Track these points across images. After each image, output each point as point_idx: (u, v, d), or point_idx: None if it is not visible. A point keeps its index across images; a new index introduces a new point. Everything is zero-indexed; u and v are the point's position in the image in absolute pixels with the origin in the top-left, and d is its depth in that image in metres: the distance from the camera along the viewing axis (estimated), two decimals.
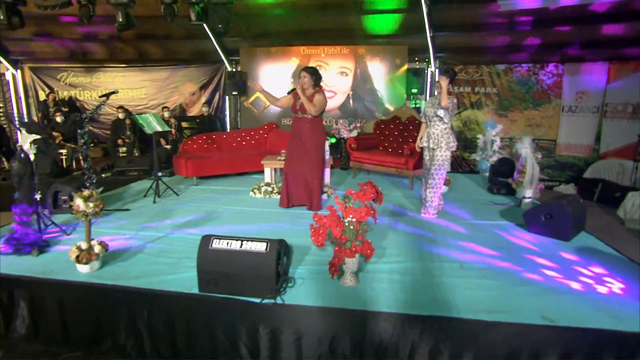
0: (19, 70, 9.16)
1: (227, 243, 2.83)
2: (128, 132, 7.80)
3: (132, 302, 2.92)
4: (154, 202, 5.14)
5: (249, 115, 9.31)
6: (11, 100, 9.21)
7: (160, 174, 6.66)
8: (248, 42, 8.77)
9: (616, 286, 3.00)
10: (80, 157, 7.97)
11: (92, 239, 3.23)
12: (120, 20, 5.56)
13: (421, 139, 4.62)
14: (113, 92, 4.58)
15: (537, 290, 2.93)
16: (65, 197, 4.68)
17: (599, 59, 7.35)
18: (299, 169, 4.64)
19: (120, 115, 7.99)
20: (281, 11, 7.65)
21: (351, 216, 2.86)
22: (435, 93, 4.50)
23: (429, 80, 8.61)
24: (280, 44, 8.74)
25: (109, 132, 8.65)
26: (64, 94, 9.29)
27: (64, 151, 7.53)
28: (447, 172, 6.40)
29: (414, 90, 8.32)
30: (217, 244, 2.84)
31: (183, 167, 5.96)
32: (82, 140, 4.35)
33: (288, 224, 4.29)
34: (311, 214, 3.14)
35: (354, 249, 2.88)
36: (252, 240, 2.82)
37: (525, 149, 4.75)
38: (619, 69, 7.29)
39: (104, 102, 4.50)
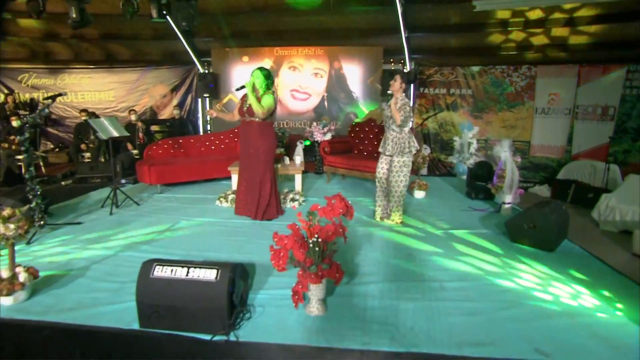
0: None
1: (172, 270, 2.33)
2: (92, 137, 7.13)
3: (61, 341, 2.40)
4: (111, 213, 4.57)
5: (221, 119, 8.71)
6: None
7: (123, 181, 6.13)
8: (220, 43, 8.20)
9: (611, 306, 2.63)
10: (41, 164, 7.32)
11: (19, 265, 2.67)
12: (74, 16, 4.95)
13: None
14: (59, 95, 4.01)
15: (525, 313, 2.53)
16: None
17: (571, 61, 7.10)
18: (248, 175, 4.19)
19: (84, 119, 7.31)
20: (252, 11, 7.12)
21: (316, 236, 2.39)
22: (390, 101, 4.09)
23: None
24: (252, 44, 8.21)
25: None
26: (26, 96, 8.53)
27: (21, 157, 6.81)
28: (423, 176, 6.06)
29: (389, 92, 7.89)
30: (159, 272, 2.33)
31: (146, 174, 5.39)
32: (23, 148, 3.76)
33: (254, 237, 3.79)
34: (282, 226, 2.67)
35: (320, 273, 2.41)
36: (200, 267, 2.33)
37: (504, 152, 4.38)
38: (589, 72, 7.06)
39: (48, 104, 3.92)
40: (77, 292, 2.78)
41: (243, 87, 3.98)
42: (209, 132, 8.80)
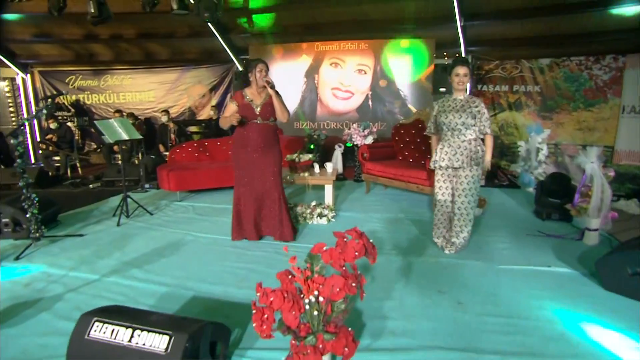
0: (28, 75, 8.42)
1: (113, 332, 1.63)
2: None
3: None
4: (118, 224, 4.06)
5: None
6: (21, 104, 8.49)
7: (147, 185, 5.69)
8: (257, 39, 7.60)
9: None
10: (78, 165, 7.14)
11: None
12: (92, 11, 4.53)
13: (435, 158, 3.19)
14: (59, 94, 3.55)
15: None
16: (7, 220, 3.67)
17: None
18: (262, 189, 3.42)
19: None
20: (288, 2, 6.42)
21: (316, 292, 1.59)
22: (456, 93, 3.13)
23: None
24: (291, 40, 7.53)
25: None
26: (72, 97, 8.49)
27: (57, 158, 6.65)
28: (481, 187, 5.02)
29: (442, 90, 6.85)
30: (97, 332, 1.65)
31: (165, 180, 4.87)
32: (17, 153, 3.30)
33: (263, 265, 3.05)
34: (301, 249, 1.91)
35: (320, 346, 1.61)
36: (150, 329, 1.61)
37: (591, 163, 3.28)
38: None
39: (47, 105, 3.46)
40: (30, 335, 2.19)
41: (270, 85, 3.22)
42: None
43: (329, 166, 4.46)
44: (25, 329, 2.25)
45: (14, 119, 8.59)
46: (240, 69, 8.01)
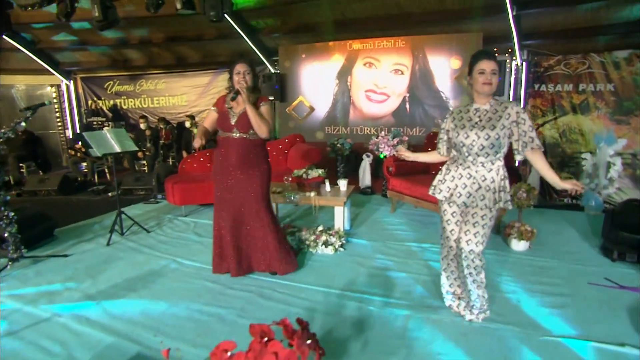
0: (72, 81, 8.60)
1: None
2: (148, 144, 6.61)
3: None
4: (108, 244, 3.69)
5: (289, 124, 7.59)
6: (65, 110, 8.71)
7: (160, 196, 5.36)
8: (287, 39, 7.08)
9: None
10: (107, 171, 7.06)
11: None
12: (96, 15, 4.22)
13: (439, 182, 2.29)
14: (42, 104, 3.21)
15: None
16: None
17: None
18: (243, 216, 2.81)
19: (142, 126, 6.83)
20: None
21: None
22: (478, 100, 2.21)
23: (512, 77, 6.16)
24: (321, 38, 6.91)
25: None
26: (109, 102, 8.54)
27: (85, 164, 6.59)
28: (533, 207, 4.09)
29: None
30: None
31: (169, 193, 4.47)
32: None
33: (235, 312, 2.46)
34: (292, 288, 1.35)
35: None
36: None
37: None
38: None
39: (27, 117, 3.15)
40: None
41: (238, 93, 2.64)
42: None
43: (342, 184, 3.78)
44: None
45: (60, 124, 8.85)
46: (273, 71, 7.54)
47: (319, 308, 2.47)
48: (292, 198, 3.58)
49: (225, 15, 5.95)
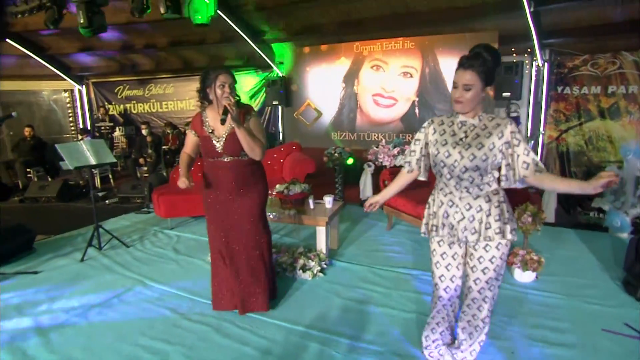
0: (84, 86, 8.65)
1: None
2: (150, 150, 6.49)
3: None
4: (82, 259, 3.51)
5: (296, 129, 7.30)
6: (77, 115, 8.79)
7: (151, 206, 5.18)
8: (292, 41, 6.80)
9: None
10: (110, 176, 7.00)
11: None
12: (82, 21, 4.07)
13: (431, 217, 1.86)
14: (8, 117, 3.06)
15: None
16: None
17: None
18: (239, 244, 2.45)
19: (144, 132, 6.72)
20: None
21: None
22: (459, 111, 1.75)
23: (533, 79, 5.62)
24: (327, 40, 6.58)
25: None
26: (120, 107, 8.53)
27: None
28: (547, 225, 3.62)
29: (506, 94, 5.37)
30: None
31: (156, 204, 4.27)
32: None
33: (184, 348, 2.18)
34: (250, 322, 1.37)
35: None
36: None
37: None
38: None
39: None
40: None
41: (227, 112, 2.16)
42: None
43: (327, 200, 3.44)
44: None
45: (73, 128, 8.94)
46: (281, 74, 7.27)
47: (275, 350, 2.16)
48: (271, 216, 3.28)
49: (225, 16, 5.78)
